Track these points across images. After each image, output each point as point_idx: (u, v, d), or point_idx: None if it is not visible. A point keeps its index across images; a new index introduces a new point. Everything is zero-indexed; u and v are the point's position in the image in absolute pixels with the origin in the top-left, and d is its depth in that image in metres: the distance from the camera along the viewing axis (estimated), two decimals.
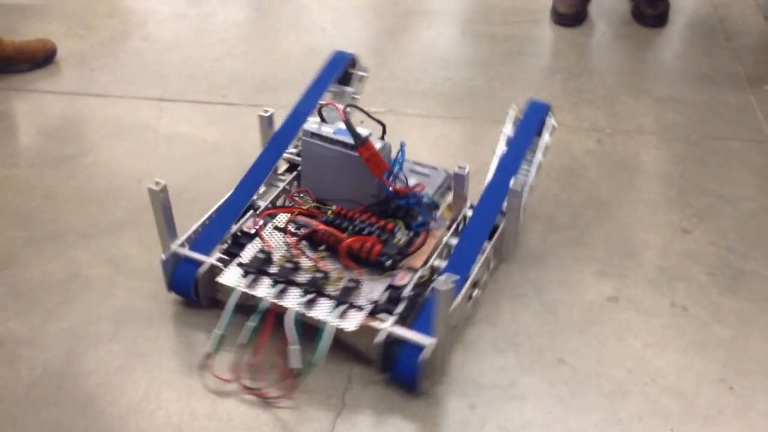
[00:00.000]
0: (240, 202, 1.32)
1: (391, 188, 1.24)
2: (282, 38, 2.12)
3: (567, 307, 1.27)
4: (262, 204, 1.34)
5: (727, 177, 1.60)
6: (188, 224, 1.27)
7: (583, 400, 1.12)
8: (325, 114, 1.36)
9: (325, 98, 1.49)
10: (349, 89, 1.57)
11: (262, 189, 1.37)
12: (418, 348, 1.07)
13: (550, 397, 1.13)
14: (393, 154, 1.28)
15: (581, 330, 1.23)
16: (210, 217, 1.29)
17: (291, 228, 1.25)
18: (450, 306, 1.06)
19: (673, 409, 1.11)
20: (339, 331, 1.10)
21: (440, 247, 1.25)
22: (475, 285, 1.22)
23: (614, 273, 1.34)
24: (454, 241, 1.26)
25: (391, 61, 2.02)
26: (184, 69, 1.95)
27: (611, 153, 1.68)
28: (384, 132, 1.30)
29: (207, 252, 1.23)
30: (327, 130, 1.27)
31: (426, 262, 1.22)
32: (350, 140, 1.23)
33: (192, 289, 1.22)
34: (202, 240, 1.26)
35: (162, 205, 1.19)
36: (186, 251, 1.23)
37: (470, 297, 1.22)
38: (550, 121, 1.41)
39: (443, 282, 1.01)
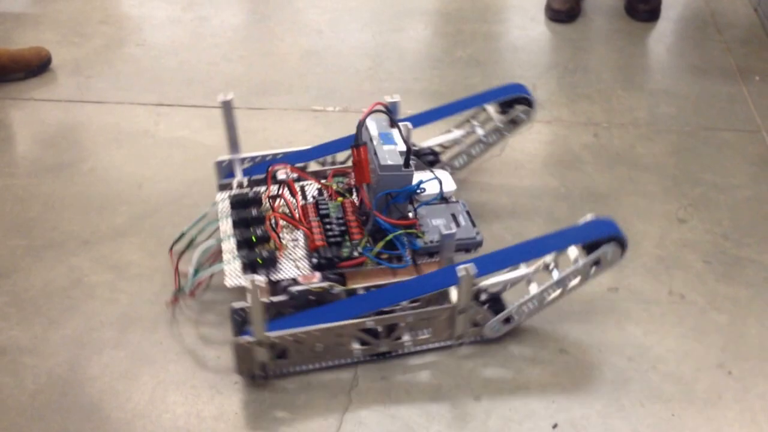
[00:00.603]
0: (305, 156, 1.39)
1: (365, 201, 1.20)
2: (278, 41, 2.13)
3: (568, 299, 1.28)
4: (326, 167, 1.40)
5: (720, 167, 1.63)
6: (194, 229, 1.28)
7: (586, 388, 1.14)
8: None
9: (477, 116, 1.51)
10: (500, 122, 1.48)
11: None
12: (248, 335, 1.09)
13: (553, 386, 1.14)
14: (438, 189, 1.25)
15: (582, 320, 1.25)
16: (276, 153, 1.40)
17: (284, 189, 1.27)
18: (259, 306, 1.05)
19: (674, 394, 1.13)
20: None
21: (381, 284, 1.17)
22: (374, 333, 1.15)
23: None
24: None
25: (389, 62, 2.03)
26: (181, 74, 1.96)
27: (608, 146, 1.69)
28: (409, 156, 1.18)
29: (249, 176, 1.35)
30: (375, 129, 1.21)
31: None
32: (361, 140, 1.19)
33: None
34: (256, 168, 1.38)
35: (229, 119, 1.35)
36: (237, 165, 1.38)
37: (363, 342, 1.16)
38: (607, 249, 1.16)
39: (252, 281, 1.04)
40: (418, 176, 1.20)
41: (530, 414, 1.10)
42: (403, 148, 1.17)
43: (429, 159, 1.47)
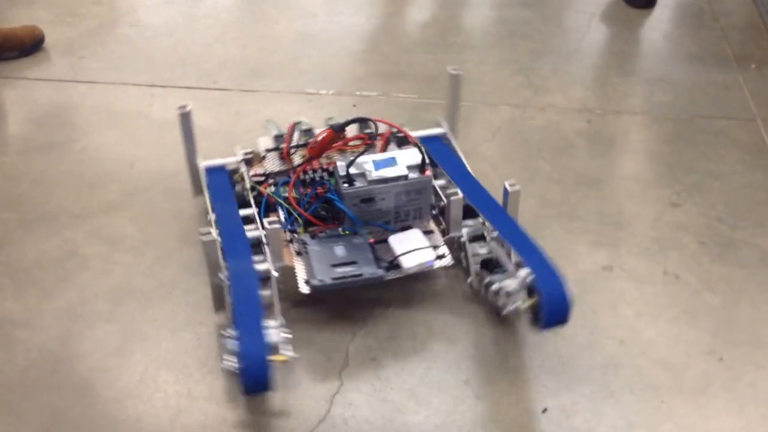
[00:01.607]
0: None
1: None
2: (273, 24, 2.11)
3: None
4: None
5: (715, 154, 1.62)
6: (183, 206, 1.27)
7: (576, 372, 1.14)
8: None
9: None
10: None
11: None
12: None
13: (543, 370, 1.14)
14: None
15: (576, 299, 1.24)
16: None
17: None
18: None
19: (664, 381, 1.13)
20: None
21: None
22: None
23: (608, 243, 1.36)
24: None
25: (383, 45, 2.02)
26: (174, 55, 1.95)
27: (601, 132, 1.69)
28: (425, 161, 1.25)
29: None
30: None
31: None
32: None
33: None
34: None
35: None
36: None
37: None
38: None
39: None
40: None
41: (520, 398, 1.10)
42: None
43: None
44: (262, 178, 1.31)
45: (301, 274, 1.17)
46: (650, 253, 1.35)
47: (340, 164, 1.23)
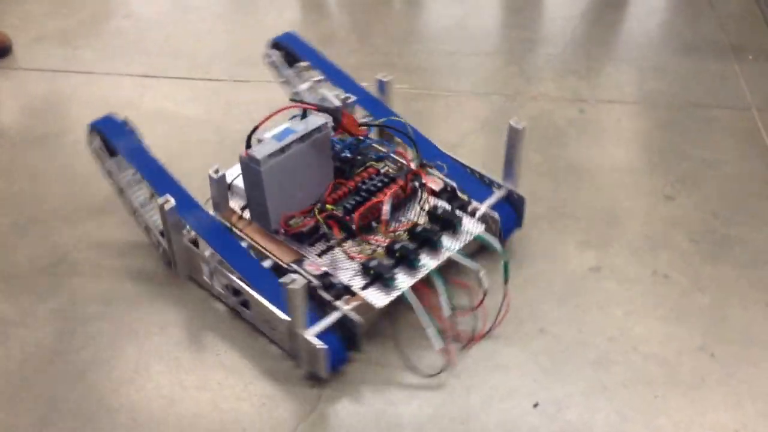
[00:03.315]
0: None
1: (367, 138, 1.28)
2: (263, 15, 2.11)
3: (549, 278, 1.28)
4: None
5: (709, 143, 1.61)
6: None
7: (567, 368, 1.13)
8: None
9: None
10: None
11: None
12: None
13: (533, 366, 1.14)
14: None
15: (563, 300, 1.24)
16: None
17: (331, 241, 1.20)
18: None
19: (657, 376, 1.12)
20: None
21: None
22: None
23: (597, 242, 1.35)
24: None
25: (374, 36, 2.01)
26: (167, 46, 1.94)
27: (594, 122, 1.68)
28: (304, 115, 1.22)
29: None
30: (272, 144, 1.16)
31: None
32: (301, 132, 1.17)
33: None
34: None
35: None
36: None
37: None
38: None
39: None
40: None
41: (511, 392, 1.10)
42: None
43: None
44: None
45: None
46: (640, 252, 1.34)
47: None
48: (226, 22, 2.06)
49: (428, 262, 1.15)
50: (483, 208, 1.27)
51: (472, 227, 1.21)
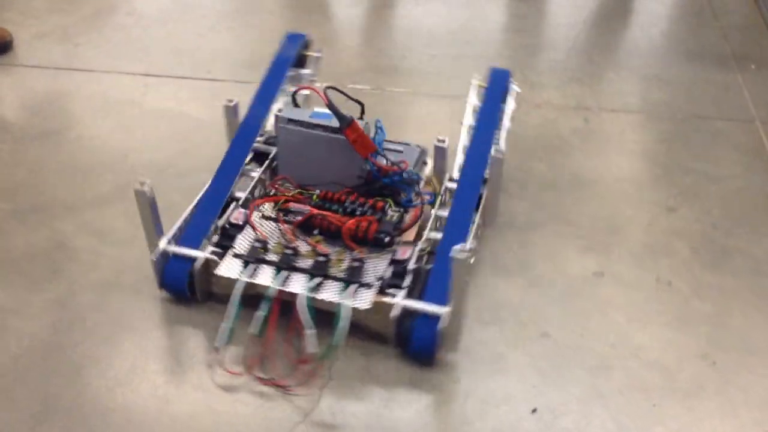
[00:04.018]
0: (220, 194, 1.27)
1: (377, 167, 1.24)
2: (267, 14, 2.11)
3: (551, 282, 1.28)
4: (241, 195, 1.29)
5: (713, 156, 1.61)
6: (174, 200, 1.27)
7: (566, 373, 1.13)
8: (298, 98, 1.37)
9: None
10: (306, 71, 1.55)
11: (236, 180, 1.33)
12: (434, 318, 1.08)
13: (533, 370, 1.13)
14: (372, 134, 1.27)
15: (565, 304, 1.24)
16: (192, 212, 1.24)
17: (282, 215, 1.24)
18: (466, 274, 1.07)
19: (655, 383, 1.12)
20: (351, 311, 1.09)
21: (431, 220, 1.26)
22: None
23: (599, 249, 1.35)
24: (444, 213, 1.25)
25: (377, 39, 2.01)
26: (169, 44, 1.94)
27: (597, 131, 1.68)
28: (363, 111, 1.29)
29: (195, 246, 1.18)
30: (303, 114, 1.26)
31: (420, 235, 1.23)
32: (330, 123, 1.23)
33: (186, 286, 1.18)
34: (187, 235, 1.21)
35: (149, 204, 1.15)
36: (176, 248, 1.18)
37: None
38: (513, 87, 1.47)
39: (459, 251, 1.03)
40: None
41: (509, 397, 1.09)
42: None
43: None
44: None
45: None
46: (642, 259, 1.34)
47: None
48: (228, 20, 2.06)
49: (301, 285, 1.12)
50: (399, 301, 1.11)
51: (358, 300, 1.10)
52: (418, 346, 1.11)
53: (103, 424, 1.04)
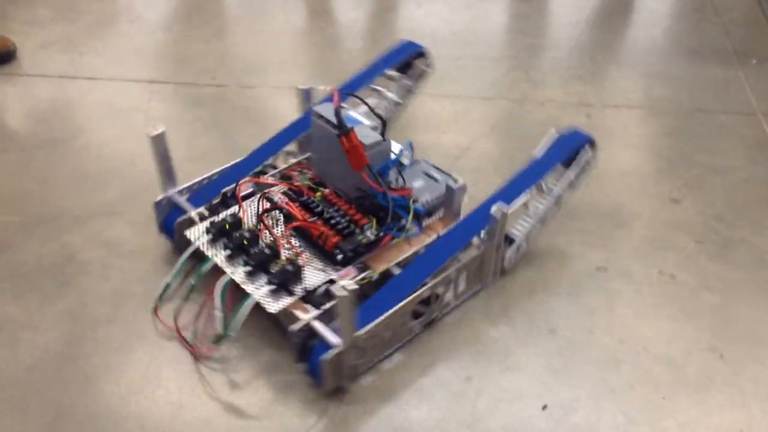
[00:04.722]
0: (248, 166, 1.34)
1: (371, 184, 1.19)
2: (271, 18, 2.11)
3: (557, 278, 1.29)
4: (271, 173, 1.35)
5: (715, 149, 1.62)
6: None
7: (576, 370, 1.14)
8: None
9: (379, 83, 1.52)
10: (405, 80, 1.54)
11: (278, 160, 1.40)
12: (328, 346, 1.05)
13: (543, 367, 1.14)
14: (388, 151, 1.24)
15: (572, 300, 1.25)
16: (215, 174, 1.33)
17: (265, 201, 1.24)
18: (352, 311, 1.01)
19: (664, 377, 1.13)
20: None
21: (407, 255, 1.19)
22: (426, 301, 1.16)
23: (603, 243, 1.36)
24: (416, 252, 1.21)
25: (381, 41, 2.02)
26: (173, 51, 1.95)
27: (600, 127, 1.69)
28: (384, 128, 1.23)
29: (198, 206, 1.26)
30: (329, 112, 1.22)
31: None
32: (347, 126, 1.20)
33: (174, 234, 1.26)
34: (199, 193, 1.30)
35: (160, 151, 1.25)
36: (178, 199, 1.28)
37: (416, 314, 1.16)
38: (586, 155, 1.30)
39: (342, 287, 0.97)
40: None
41: (520, 395, 1.10)
42: (369, 123, 1.21)
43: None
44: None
45: None
46: (646, 253, 1.35)
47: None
48: (233, 26, 2.07)
49: (234, 270, 1.14)
50: (303, 316, 1.09)
51: (269, 301, 1.10)
52: (311, 368, 1.08)
53: (117, 431, 1.05)
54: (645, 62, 1.96)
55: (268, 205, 1.24)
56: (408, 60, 1.53)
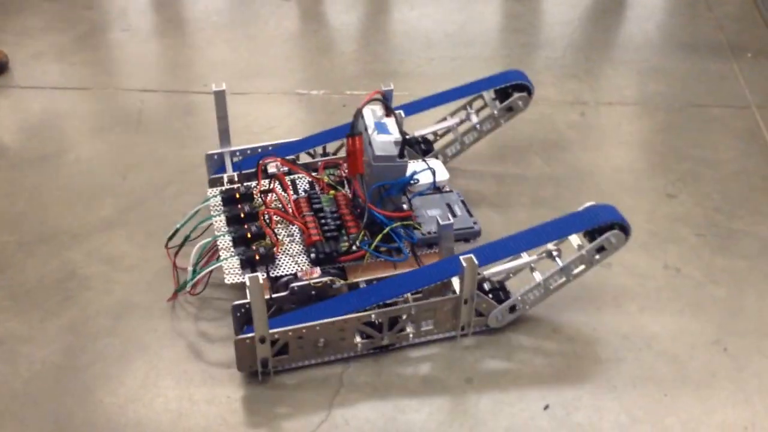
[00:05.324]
0: (295, 147, 1.38)
1: (359, 193, 1.19)
2: (263, 24, 2.11)
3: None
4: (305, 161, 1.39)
5: (709, 142, 1.62)
6: (177, 220, 1.28)
7: (578, 369, 1.13)
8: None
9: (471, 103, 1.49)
10: (497, 105, 1.46)
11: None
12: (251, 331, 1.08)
13: (545, 367, 1.13)
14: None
15: (576, 298, 1.24)
16: (269, 145, 1.39)
17: (276, 183, 1.28)
18: (261, 301, 1.03)
19: (667, 374, 1.12)
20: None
21: (382, 276, 1.18)
22: (376, 326, 1.12)
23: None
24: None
25: (375, 44, 2.02)
26: (165, 59, 1.94)
27: (594, 125, 1.68)
28: (404, 146, 1.17)
29: (238, 170, 1.35)
30: (373, 119, 1.18)
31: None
32: (370, 133, 1.17)
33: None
34: (247, 161, 1.36)
35: (221, 108, 1.35)
36: (227, 158, 1.37)
37: (365, 336, 1.13)
38: (611, 236, 1.14)
39: (253, 277, 1.00)
40: (411, 166, 1.20)
41: (522, 395, 1.09)
42: (398, 138, 1.16)
43: (422, 148, 1.47)
44: None
45: None
46: (648, 247, 1.34)
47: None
48: (225, 32, 2.06)
49: (221, 236, 1.21)
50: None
51: (233, 272, 1.16)
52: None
53: None
54: (639, 58, 1.95)
55: (277, 187, 1.28)
56: (507, 89, 1.45)
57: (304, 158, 1.40)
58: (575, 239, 1.17)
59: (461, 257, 1.09)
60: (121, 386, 1.11)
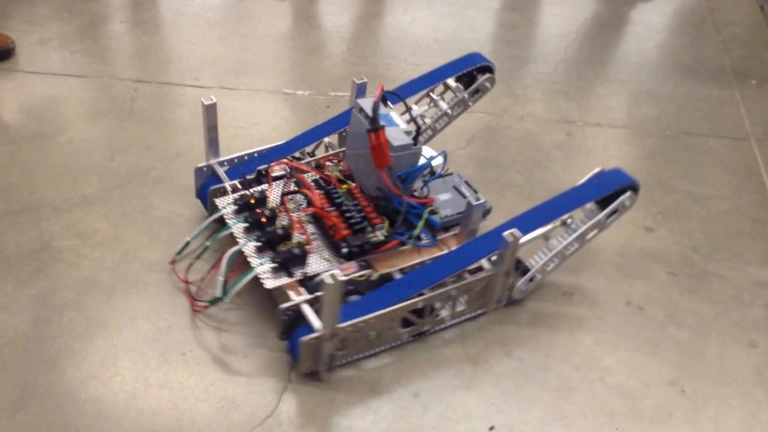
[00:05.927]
0: (287, 149, 1.39)
1: (389, 186, 1.20)
2: (256, 23, 2.12)
3: (519, 301, 1.26)
4: (306, 160, 1.39)
5: (699, 175, 1.57)
6: (154, 203, 1.35)
7: (528, 394, 1.12)
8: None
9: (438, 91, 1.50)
10: (463, 94, 1.47)
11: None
12: (310, 330, 1.09)
13: (494, 389, 1.12)
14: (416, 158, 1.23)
15: (531, 323, 1.23)
16: (255, 152, 1.39)
17: (292, 184, 1.29)
18: (337, 301, 1.04)
19: (619, 408, 1.10)
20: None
21: (412, 264, 1.20)
22: (419, 312, 1.16)
23: (570, 267, 1.33)
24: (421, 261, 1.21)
25: (363, 46, 2.01)
26: (160, 52, 1.97)
27: (580, 146, 1.66)
28: (418, 134, 1.23)
29: (234, 178, 1.33)
30: (368, 108, 1.21)
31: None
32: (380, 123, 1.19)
33: (207, 201, 1.34)
34: (237, 168, 1.36)
35: (210, 121, 1.32)
36: (218, 168, 1.36)
37: (408, 322, 1.17)
38: (625, 198, 1.22)
39: (331, 276, 1.00)
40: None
41: (467, 414, 1.09)
42: (405, 127, 1.20)
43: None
44: None
45: None
46: (614, 281, 1.32)
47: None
48: (219, 29, 2.08)
49: (247, 243, 1.19)
50: (295, 298, 1.14)
51: (268, 277, 1.15)
52: (291, 347, 1.13)
53: (77, 413, 1.07)
54: (634, 79, 1.91)
55: (293, 187, 1.28)
56: (472, 72, 1.47)
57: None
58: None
59: (505, 233, 1.14)
60: (83, 361, 1.15)
